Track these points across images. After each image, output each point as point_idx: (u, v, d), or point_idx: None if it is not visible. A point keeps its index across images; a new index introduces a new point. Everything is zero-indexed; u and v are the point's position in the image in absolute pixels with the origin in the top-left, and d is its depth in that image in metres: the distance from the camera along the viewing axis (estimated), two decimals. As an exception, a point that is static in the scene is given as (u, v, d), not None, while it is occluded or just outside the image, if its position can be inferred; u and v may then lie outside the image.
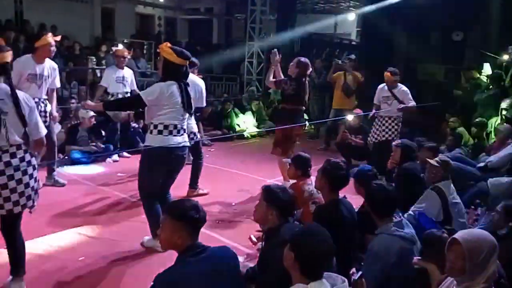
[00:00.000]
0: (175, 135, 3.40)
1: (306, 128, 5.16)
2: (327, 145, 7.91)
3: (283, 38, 11.10)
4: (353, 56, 7.94)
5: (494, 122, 6.06)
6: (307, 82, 4.97)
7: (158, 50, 3.76)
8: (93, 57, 8.66)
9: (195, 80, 4.76)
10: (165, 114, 3.34)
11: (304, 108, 5.03)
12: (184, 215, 2.00)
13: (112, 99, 5.79)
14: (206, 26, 16.67)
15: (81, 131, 6.11)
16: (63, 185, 4.98)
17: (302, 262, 1.79)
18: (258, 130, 8.83)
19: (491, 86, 6.86)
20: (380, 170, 5.05)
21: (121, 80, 6.07)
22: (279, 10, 12.88)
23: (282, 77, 5.01)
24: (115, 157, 6.26)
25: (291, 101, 4.89)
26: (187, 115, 3.55)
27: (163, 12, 16.10)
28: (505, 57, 8.13)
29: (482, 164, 4.92)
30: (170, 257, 2.13)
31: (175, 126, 3.39)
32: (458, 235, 1.84)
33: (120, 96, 6.01)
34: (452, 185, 3.46)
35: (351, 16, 14.94)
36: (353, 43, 15.63)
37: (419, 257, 2.46)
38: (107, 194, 4.86)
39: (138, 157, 3.70)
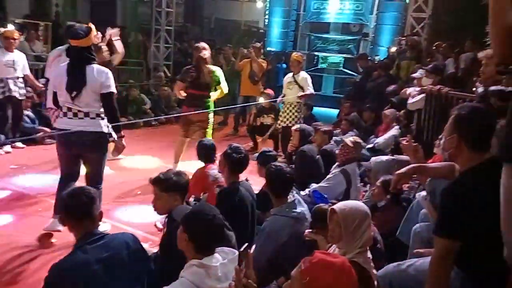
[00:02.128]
0: None
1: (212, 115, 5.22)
2: (235, 131, 8.13)
3: (191, 23, 10.99)
4: (258, 44, 8.18)
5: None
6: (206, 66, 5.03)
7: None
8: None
9: None
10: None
11: (207, 93, 5.09)
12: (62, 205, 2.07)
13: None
14: (110, 8, 15.82)
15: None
16: None
17: (194, 241, 1.89)
18: (164, 116, 8.68)
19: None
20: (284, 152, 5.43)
21: (12, 64, 5.59)
22: (186, -5, 12.69)
23: None
24: (7, 147, 5.79)
25: (192, 87, 5.01)
26: None
27: (60, -10, 14.92)
28: (393, 48, 9.00)
29: (370, 145, 5.47)
30: (68, 250, 2.10)
31: None
32: (336, 205, 2.09)
33: (10, 81, 5.55)
34: (357, 168, 3.84)
35: (259, 4, 15.25)
36: (261, 30, 15.98)
37: (310, 230, 2.70)
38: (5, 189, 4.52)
39: (33, 148, 3.52)
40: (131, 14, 15.10)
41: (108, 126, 3.48)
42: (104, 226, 3.48)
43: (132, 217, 4.06)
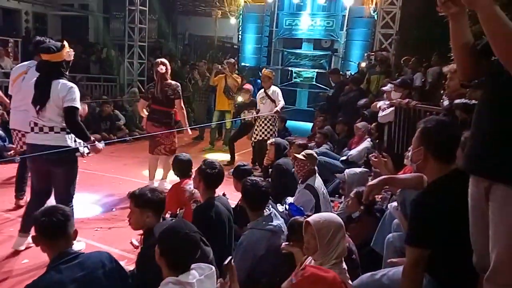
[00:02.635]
0: None
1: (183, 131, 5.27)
2: (212, 146, 8.15)
3: (165, 39, 10.99)
4: (232, 60, 8.27)
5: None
6: (165, 82, 5.10)
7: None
8: None
9: None
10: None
11: (172, 110, 5.15)
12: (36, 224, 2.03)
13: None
14: (81, 23, 15.66)
15: None
16: None
17: (167, 258, 1.89)
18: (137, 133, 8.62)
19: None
20: (261, 166, 5.47)
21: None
22: (160, 11, 12.72)
23: None
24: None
25: (156, 103, 5.13)
26: None
27: (30, 6, 14.69)
28: (363, 64, 9.27)
29: (344, 158, 5.58)
30: (40, 271, 2.07)
31: None
32: (310, 218, 2.14)
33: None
34: (319, 178, 3.88)
35: (233, 20, 15.42)
36: (235, 46, 16.13)
37: (286, 243, 2.74)
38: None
39: (4, 167, 3.46)
40: (103, 30, 15.01)
41: (75, 141, 3.44)
42: (79, 245, 3.42)
43: (107, 235, 3.99)
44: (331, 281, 1.53)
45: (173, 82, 5.19)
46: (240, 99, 7.20)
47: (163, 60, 5.30)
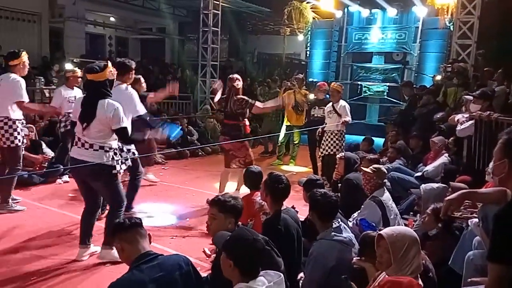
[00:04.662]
0: None
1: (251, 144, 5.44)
2: (280, 160, 8.22)
3: (235, 58, 11.44)
4: (300, 75, 8.34)
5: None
6: (238, 97, 5.24)
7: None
8: (41, 77, 8.49)
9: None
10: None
11: (241, 123, 5.29)
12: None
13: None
14: (159, 46, 16.75)
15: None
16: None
17: (239, 265, 1.93)
18: (204, 145, 8.93)
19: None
20: (329, 180, 5.43)
21: (74, 100, 6.05)
22: (230, 31, 13.22)
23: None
24: (65, 177, 6.16)
25: (227, 117, 5.32)
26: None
27: (114, 31, 16.02)
28: (438, 77, 8.87)
29: (419, 174, 5.34)
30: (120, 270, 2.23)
31: None
32: (383, 231, 2.08)
33: (72, 116, 5.99)
34: (387, 192, 3.77)
35: (300, 37, 15.58)
36: (303, 62, 16.24)
37: (358, 258, 2.69)
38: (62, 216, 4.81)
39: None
40: (179, 51, 15.90)
41: (113, 159, 3.59)
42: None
43: (181, 243, 4.17)
44: (407, 284, 1.49)
45: (243, 97, 5.34)
46: (312, 96, 7.29)
47: (238, 76, 5.48)
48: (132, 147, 4.39)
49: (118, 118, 3.47)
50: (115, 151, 3.66)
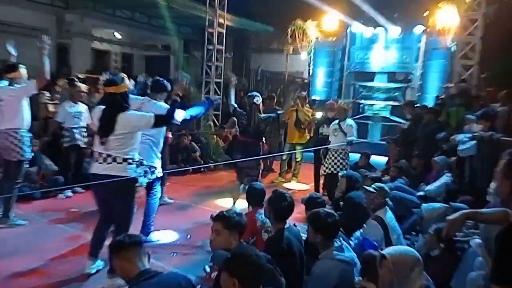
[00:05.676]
0: None
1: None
2: (282, 178, 8.21)
3: (239, 76, 11.52)
4: (303, 94, 8.39)
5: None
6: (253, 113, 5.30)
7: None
8: (46, 92, 8.56)
9: None
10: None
11: (259, 141, 5.34)
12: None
13: None
14: (163, 62, 16.93)
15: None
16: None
17: (240, 281, 1.90)
18: (214, 163, 8.96)
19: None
20: (331, 199, 5.41)
21: (78, 115, 6.13)
22: (234, 49, 13.35)
23: None
24: (68, 192, 6.16)
25: (246, 135, 5.31)
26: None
27: (119, 48, 16.23)
28: (442, 96, 8.90)
29: (421, 193, 5.32)
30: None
31: None
32: (385, 251, 2.08)
33: (76, 131, 6.05)
34: (390, 211, 3.75)
35: (303, 56, 15.71)
36: (305, 81, 16.34)
37: (360, 278, 2.67)
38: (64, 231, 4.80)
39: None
40: (183, 68, 16.05)
41: (135, 171, 3.52)
42: None
43: (181, 260, 4.15)
44: None
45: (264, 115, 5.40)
46: (319, 114, 7.37)
47: (256, 93, 5.56)
48: (155, 163, 4.31)
49: (143, 116, 3.49)
50: (137, 163, 3.57)
